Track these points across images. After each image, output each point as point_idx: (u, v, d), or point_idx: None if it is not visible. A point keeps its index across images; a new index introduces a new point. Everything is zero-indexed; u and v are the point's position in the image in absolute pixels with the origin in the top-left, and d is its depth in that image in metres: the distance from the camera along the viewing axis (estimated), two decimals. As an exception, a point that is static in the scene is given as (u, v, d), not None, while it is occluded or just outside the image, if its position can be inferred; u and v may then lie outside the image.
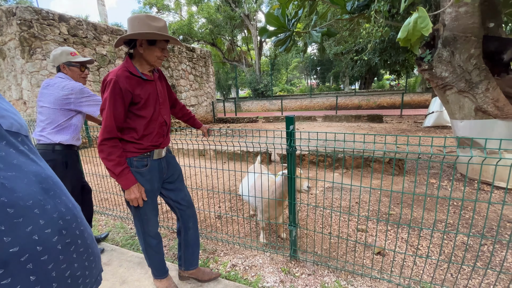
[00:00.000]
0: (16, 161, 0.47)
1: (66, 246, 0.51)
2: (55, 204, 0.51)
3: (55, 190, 0.53)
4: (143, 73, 1.31)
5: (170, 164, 1.52)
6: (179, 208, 1.55)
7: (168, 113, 1.48)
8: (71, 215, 0.54)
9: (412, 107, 12.32)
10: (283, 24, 3.71)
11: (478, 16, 2.88)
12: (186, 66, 9.61)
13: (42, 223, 0.47)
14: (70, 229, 0.53)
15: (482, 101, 2.95)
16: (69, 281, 0.51)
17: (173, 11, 19.97)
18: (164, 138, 1.44)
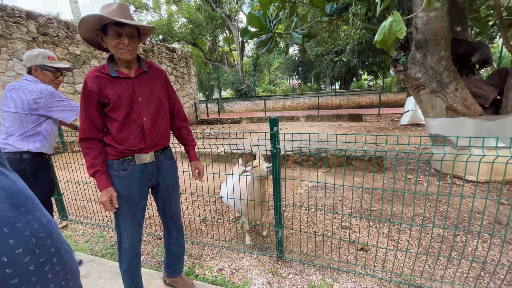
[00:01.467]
0: None
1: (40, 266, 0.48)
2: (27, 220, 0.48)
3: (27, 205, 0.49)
4: (117, 70, 1.20)
5: (162, 170, 1.37)
6: (163, 216, 1.49)
7: (152, 115, 1.28)
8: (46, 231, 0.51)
9: (389, 106, 12.87)
10: (264, 26, 3.73)
11: (446, 21, 3.06)
12: (166, 67, 9.37)
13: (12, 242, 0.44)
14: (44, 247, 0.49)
15: (452, 100, 3.14)
16: None
17: (152, 10, 19.43)
18: (145, 143, 1.28)
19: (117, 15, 1.12)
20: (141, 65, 1.29)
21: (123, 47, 1.16)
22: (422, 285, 1.61)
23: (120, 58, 1.18)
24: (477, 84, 3.24)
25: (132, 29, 1.17)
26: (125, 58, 1.18)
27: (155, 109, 1.32)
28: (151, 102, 1.29)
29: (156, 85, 1.32)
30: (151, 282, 1.71)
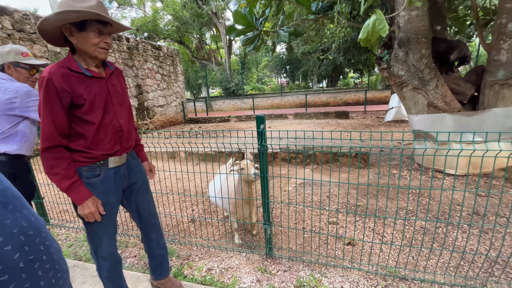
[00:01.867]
0: None
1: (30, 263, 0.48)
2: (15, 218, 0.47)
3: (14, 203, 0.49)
4: (88, 69, 1.12)
5: (132, 171, 1.35)
6: (139, 218, 1.43)
7: (127, 116, 1.28)
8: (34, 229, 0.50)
9: (374, 103, 13.18)
10: (251, 23, 3.71)
11: (427, 20, 3.15)
12: (152, 65, 9.17)
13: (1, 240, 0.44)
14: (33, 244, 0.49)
15: (433, 97, 3.25)
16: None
17: (136, 6, 18.91)
18: (121, 145, 1.25)
19: (102, 11, 1.07)
20: (107, 65, 1.24)
21: (106, 46, 1.12)
22: (406, 276, 1.66)
23: (98, 56, 1.12)
24: (456, 81, 3.36)
25: (111, 28, 1.14)
26: (103, 57, 1.14)
27: (128, 110, 1.31)
28: (124, 103, 1.28)
29: (123, 85, 1.31)
30: (138, 285, 1.68)
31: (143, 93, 8.71)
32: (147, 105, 8.90)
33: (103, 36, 1.10)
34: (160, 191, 2.75)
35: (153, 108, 9.26)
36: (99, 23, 1.08)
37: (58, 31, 1.08)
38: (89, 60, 1.13)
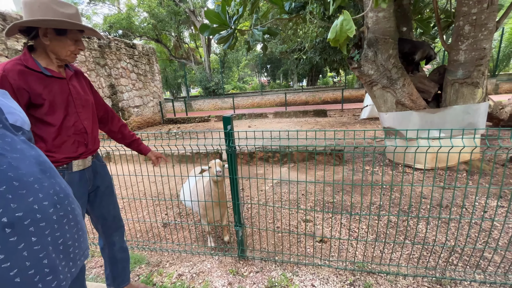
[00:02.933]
0: (20, 146, 0.58)
1: (60, 218, 0.61)
2: (51, 183, 0.62)
3: (50, 172, 0.64)
4: (47, 68, 1.09)
5: (97, 174, 1.31)
6: (103, 223, 1.37)
7: (90, 118, 1.26)
8: (64, 193, 0.65)
9: (351, 102, 13.59)
10: (224, 22, 3.66)
11: (393, 21, 3.28)
12: (126, 64, 8.80)
13: (41, 196, 0.58)
14: (63, 204, 0.63)
15: (400, 95, 3.40)
16: (61, 247, 0.60)
17: (109, 2, 18.03)
18: (86, 147, 1.22)
19: (78, 19, 1.09)
20: (68, 66, 1.22)
21: (79, 52, 1.15)
22: (372, 270, 1.71)
23: (68, 60, 1.15)
24: (421, 80, 3.54)
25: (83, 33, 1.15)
26: (72, 61, 1.16)
27: (92, 112, 1.28)
28: (87, 104, 1.25)
29: (85, 86, 1.28)
30: (102, 297, 1.59)
31: (117, 93, 8.34)
32: (122, 105, 8.54)
33: (78, 42, 1.13)
34: (133, 195, 2.64)
35: (129, 108, 8.90)
36: (79, 32, 1.12)
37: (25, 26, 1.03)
38: (54, 60, 1.12)
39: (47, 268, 0.55)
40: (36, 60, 1.08)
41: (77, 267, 0.66)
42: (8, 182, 0.52)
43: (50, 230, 0.57)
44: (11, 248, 0.50)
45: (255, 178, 1.80)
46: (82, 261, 0.69)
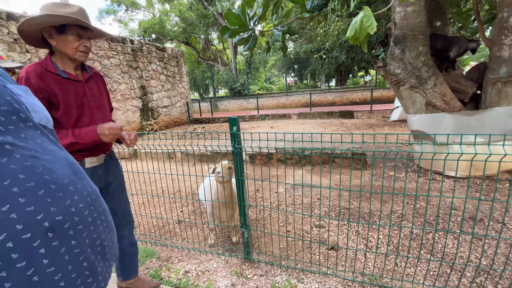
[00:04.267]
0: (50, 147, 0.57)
1: (94, 219, 0.60)
2: (83, 184, 0.61)
3: (81, 173, 0.63)
4: (64, 71, 1.17)
5: (109, 172, 1.39)
6: (113, 218, 1.45)
7: (104, 119, 1.32)
8: (95, 194, 0.64)
9: (382, 102, 12.85)
10: (244, 23, 3.68)
11: (424, 15, 3.02)
12: (156, 66, 9.30)
13: (76, 198, 0.56)
14: (96, 206, 0.62)
15: (431, 96, 3.12)
16: (98, 249, 0.60)
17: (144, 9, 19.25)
18: (100, 146, 1.29)
19: (83, 17, 1.13)
20: (86, 69, 1.29)
21: (86, 50, 1.18)
22: (384, 284, 1.59)
23: (77, 59, 1.18)
24: (457, 79, 3.21)
25: (91, 33, 1.20)
26: (82, 60, 1.19)
27: (106, 113, 1.36)
28: (102, 106, 1.33)
29: (101, 89, 1.35)
30: (112, 286, 1.68)
31: (147, 94, 8.85)
32: (151, 106, 9.04)
33: (83, 40, 1.16)
34: (151, 192, 2.77)
35: (157, 108, 9.38)
36: (79, 28, 1.13)
37: (38, 32, 1.12)
38: (68, 61, 1.18)
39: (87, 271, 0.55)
40: (55, 63, 1.17)
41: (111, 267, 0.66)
42: (46, 185, 0.50)
43: (87, 232, 0.57)
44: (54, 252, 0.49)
45: (267, 181, 1.78)
46: (114, 260, 0.69)
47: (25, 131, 0.53)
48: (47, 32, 1.10)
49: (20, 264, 0.45)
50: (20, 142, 0.51)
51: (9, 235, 0.44)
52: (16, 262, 0.45)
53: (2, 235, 0.44)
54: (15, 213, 0.46)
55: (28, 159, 0.50)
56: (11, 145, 0.49)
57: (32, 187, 0.49)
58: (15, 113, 0.52)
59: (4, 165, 0.47)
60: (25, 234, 0.46)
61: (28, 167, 0.50)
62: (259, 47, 19.04)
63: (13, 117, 0.52)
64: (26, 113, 0.55)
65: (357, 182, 3.32)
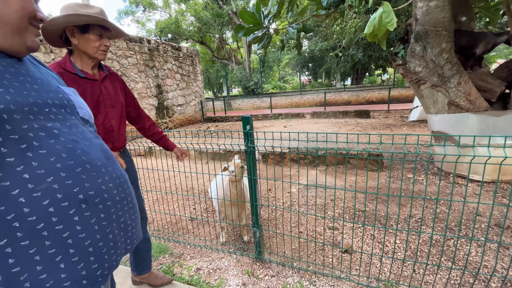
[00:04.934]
0: (88, 135, 0.67)
1: (121, 199, 0.68)
2: (114, 168, 0.69)
3: (112, 158, 0.72)
4: (82, 70, 1.21)
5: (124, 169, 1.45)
6: None
7: (118, 118, 1.36)
8: (124, 179, 0.72)
9: (400, 102, 12.40)
10: (258, 21, 3.66)
11: (448, 10, 2.87)
12: (172, 66, 9.47)
13: (107, 178, 0.65)
14: (123, 188, 0.70)
15: (455, 95, 2.96)
16: (122, 225, 0.68)
17: (161, 9, 19.67)
18: (113, 144, 1.33)
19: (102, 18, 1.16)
20: (102, 68, 1.32)
21: (106, 49, 1.21)
22: (401, 292, 1.52)
23: (97, 58, 1.21)
24: (483, 77, 3.03)
25: (110, 33, 1.23)
26: (101, 58, 1.23)
27: (121, 112, 1.38)
28: (116, 104, 1.35)
29: (117, 88, 1.37)
30: (127, 280, 1.73)
31: (163, 93, 9.04)
32: (166, 104, 9.23)
33: (103, 40, 1.20)
34: (165, 189, 2.81)
35: (172, 107, 9.57)
36: (101, 28, 1.18)
37: (60, 32, 1.16)
38: (87, 60, 1.22)
39: (111, 242, 0.62)
40: (73, 63, 1.20)
41: (132, 245, 0.73)
42: (83, 164, 0.60)
43: (115, 209, 0.65)
44: (86, 221, 0.57)
45: (280, 181, 1.76)
46: (137, 241, 0.76)
47: (71, 121, 0.65)
48: (70, 31, 1.14)
49: (58, 226, 0.53)
50: (65, 129, 0.62)
51: (51, 201, 0.53)
52: (55, 224, 0.53)
53: (45, 201, 0.52)
54: (57, 184, 0.54)
55: (70, 142, 0.60)
56: (58, 130, 0.59)
57: (71, 165, 0.58)
58: (64, 107, 0.65)
59: (51, 145, 0.56)
60: (63, 202, 0.55)
61: (69, 149, 0.59)
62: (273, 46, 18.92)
63: (62, 110, 0.64)
64: (72, 109, 0.67)
65: (373, 184, 3.22)
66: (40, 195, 0.52)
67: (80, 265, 0.56)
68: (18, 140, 0.51)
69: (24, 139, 0.52)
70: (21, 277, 0.49)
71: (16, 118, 0.52)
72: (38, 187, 0.52)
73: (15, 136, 0.51)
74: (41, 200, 0.52)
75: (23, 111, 0.54)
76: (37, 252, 0.51)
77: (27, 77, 0.60)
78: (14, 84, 0.55)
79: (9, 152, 0.50)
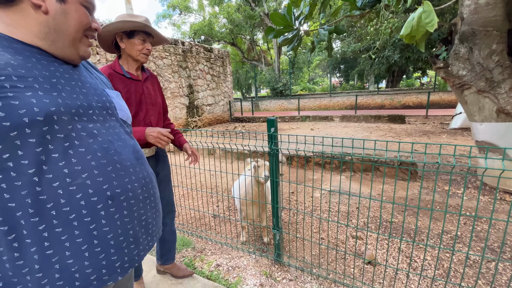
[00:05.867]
0: (123, 136, 0.73)
1: (145, 198, 0.73)
2: (141, 169, 0.74)
3: (142, 160, 0.76)
4: (128, 72, 1.35)
5: (159, 163, 1.53)
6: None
7: (156, 115, 1.48)
8: (150, 179, 0.77)
9: (441, 107, 11.44)
10: (289, 23, 3.64)
11: (501, 8, 2.59)
12: (203, 66, 9.83)
13: (134, 178, 0.70)
14: (148, 188, 0.75)
15: (505, 101, 2.67)
16: (143, 223, 0.72)
17: (195, 12, 20.51)
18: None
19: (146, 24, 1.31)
20: (145, 70, 1.46)
21: (147, 52, 1.35)
22: (429, 312, 1.42)
23: (140, 60, 1.35)
24: (542, 82, 2.68)
25: (152, 39, 1.37)
26: (144, 61, 1.36)
27: (159, 109, 1.50)
28: (156, 103, 1.48)
29: (156, 89, 1.50)
30: (152, 269, 1.84)
31: (193, 93, 9.42)
32: (196, 103, 9.59)
33: (146, 44, 1.33)
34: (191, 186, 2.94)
35: (202, 106, 9.92)
36: (144, 34, 1.32)
37: (112, 38, 1.33)
38: (132, 63, 1.37)
39: (131, 238, 0.67)
40: (121, 65, 1.36)
41: (153, 242, 0.78)
42: (113, 164, 0.65)
43: (137, 207, 0.69)
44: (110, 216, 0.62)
45: (303, 185, 1.74)
46: (157, 238, 0.81)
47: (110, 122, 0.71)
48: (119, 36, 1.30)
49: (87, 218, 0.59)
50: (104, 130, 0.68)
51: (83, 195, 0.59)
52: (84, 216, 0.58)
53: (79, 194, 0.58)
54: (90, 180, 0.60)
55: (106, 142, 0.66)
56: (97, 130, 0.65)
57: (104, 163, 0.63)
58: (106, 109, 0.71)
59: (90, 144, 0.62)
60: (93, 197, 0.60)
61: (104, 148, 0.65)
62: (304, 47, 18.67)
63: (104, 112, 0.70)
64: (113, 110, 0.74)
65: (402, 194, 3.03)
66: (75, 188, 0.58)
67: (102, 255, 0.61)
68: (63, 139, 0.58)
69: (68, 138, 0.58)
70: (53, 259, 0.55)
71: (64, 119, 0.58)
72: (74, 181, 0.58)
73: (61, 135, 0.57)
74: (75, 194, 0.58)
75: (70, 113, 0.60)
76: (67, 239, 0.56)
77: (79, 82, 0.67)
78: (67, 89, 0.63)
79: (55, 149, 0.56)
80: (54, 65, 0.63)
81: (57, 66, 0.64)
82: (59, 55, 0.65)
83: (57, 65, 0.64)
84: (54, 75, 0.61)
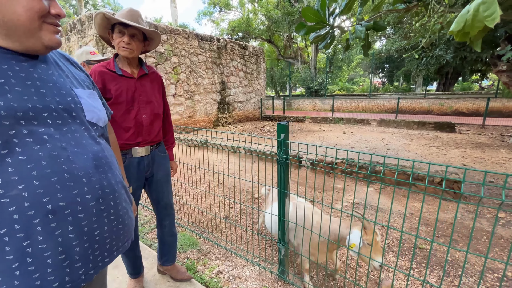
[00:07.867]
0: (85, 142, 0.66)
1: (100, 211, 0.66)
2: (100, 178, 0.67)
3: (104, 168, 0.69)
4: (121, 69, 1.32)
5: (155, 163, 1.47)
6: (156, 206, 1.56)
7: (150, 114, 1.40)
8: (111, 189, 0.69)
9: (503, 116, 9.90)
10: (322, 19, 3.37)
11: None
12: (237, 63, 9.88)
13: (86, 190, 0.63)
14: (106, 199, 0.67)
15: None
16: (96, 238, 0.65)
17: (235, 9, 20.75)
18: (142, 138, 1.38)
19: (124, 17, 1.24)
20: (143, 67, 1.40)
21: (124, 45, 1.26)
22: None
23: (121, 54, 1.29)
24: None
25: (135, 31, 1.27)
26: (124, 55, 1.29)
27: (154, 109, 1.43)
28: (151, 102, 1.41)
29: (155, 87, 1.44)
30: (154, 267, 1.83)
31: (226, 89, 9.53)
32: (228, 100, 9.71)
33: (124, 37, 1.25)
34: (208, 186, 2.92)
35: (233, 103, 10.01)
36: (121, 25, 1.25)
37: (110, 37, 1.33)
38: (122, 59, 1.34)
39: (77, 256, 0.60)
40: (116, 63, 1.33)
41: (112, 257, 0.71)
42: (61, 174, 0.58)
43: (88, 221, 0.62)
44: (50, 232, 0.56)
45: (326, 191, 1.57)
46: (120, 252, 0.74)
47: (70, 125, 0.64)
48: (109, 34, 1.30)
49: (20, 234, 0.53)
50: (58, 135, 0.60)
51: (17, 208, 0.53)
52: (17, 232, 0.53)
53: (12, 207, 0.53)
54: (26, 192, 0.54)
55: (56, 149, 0.59)
56: (49, 136, 0.59)
57: (48, 173, 0.57)
58: (68, 111, 0.64)
59: (34, 151, 0.56)
60: (29, 211, 0.54)
61: (53, 156, 0.58)
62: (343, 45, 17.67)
63: (65, 114, 0.63)
64: (78, 112, 0.67)
65: (442, 217, 2.62)
66: (8, 201, 0.52)
67: (36, 275, 0.55)
68: (1, 145, 0.53)
69: (7, 144, 0.53)
70: None
71: (4, 123, 0.53)
72: (8, 193, 0.52)
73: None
74: (8, 206, 0.52)
75: (15, 117, 0.54)
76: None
77: (37, 81, 0.61)
78: (17, 89, 0.56)
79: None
80: (10, 63, 0.58)
81: (12, 64, 0.58)
82: (19, 49, 0.59)
83: (13, 62, 0.58)
84: (4, 75, 0.56)
